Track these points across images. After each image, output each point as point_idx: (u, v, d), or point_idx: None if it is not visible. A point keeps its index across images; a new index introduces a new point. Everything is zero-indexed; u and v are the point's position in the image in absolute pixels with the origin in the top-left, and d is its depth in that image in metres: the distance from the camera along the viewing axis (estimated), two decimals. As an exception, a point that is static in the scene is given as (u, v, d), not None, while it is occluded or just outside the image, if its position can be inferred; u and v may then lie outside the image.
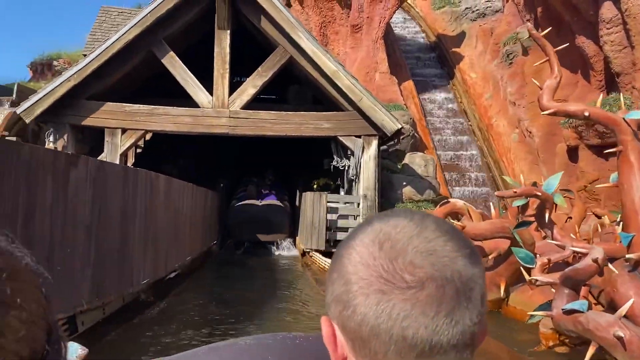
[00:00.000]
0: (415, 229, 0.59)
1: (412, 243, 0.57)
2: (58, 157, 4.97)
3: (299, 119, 12.98)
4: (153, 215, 7.43)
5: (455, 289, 0.56)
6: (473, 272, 0.58)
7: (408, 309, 0.55)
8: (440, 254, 0.57)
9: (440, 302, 0.55)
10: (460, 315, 0.56)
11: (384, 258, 0.57)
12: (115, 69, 12.67)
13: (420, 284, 0.55)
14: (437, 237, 0.58)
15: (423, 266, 0.56)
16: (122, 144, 12.65)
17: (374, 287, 0.56)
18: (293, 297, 8.83)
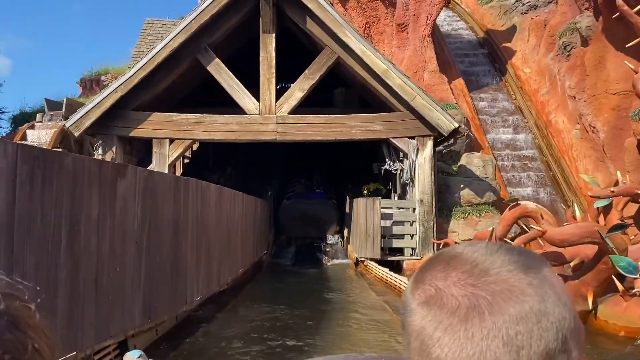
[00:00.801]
0: (508, 266, 0.54)
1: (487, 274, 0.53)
2: (104, 167, 4.51)
3: (348, 121, 12.36)
4: (205, 227, 6.95)
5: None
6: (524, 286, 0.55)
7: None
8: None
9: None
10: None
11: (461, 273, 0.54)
12: (161, 78, 12.39)
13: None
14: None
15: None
16: (170, 154, 12.34)
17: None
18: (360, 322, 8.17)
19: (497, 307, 0.51)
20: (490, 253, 0.55)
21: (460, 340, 0.51)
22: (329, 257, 14.47)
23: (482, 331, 0.50)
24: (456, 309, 0.52)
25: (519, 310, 0.51)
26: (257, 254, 12.17)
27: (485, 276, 0.53)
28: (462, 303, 0.52)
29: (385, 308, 7.93)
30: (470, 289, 0.52)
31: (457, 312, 0.51)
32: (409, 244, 12.08)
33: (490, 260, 0.54)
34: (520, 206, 8.71)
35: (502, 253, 0.55)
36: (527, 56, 19.06)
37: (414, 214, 12.07)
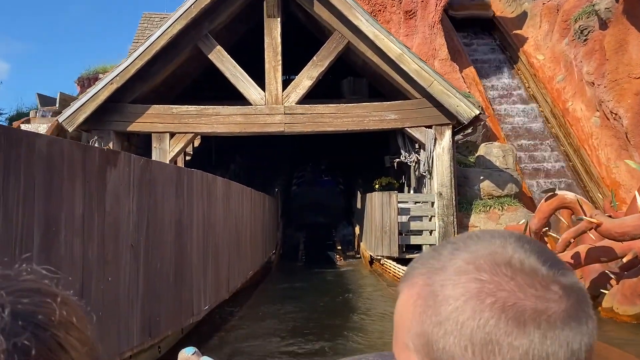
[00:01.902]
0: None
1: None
2: (90, 154, 3.61)
3: (360, 110, 11.44)
4: (212, 226, 6.05)
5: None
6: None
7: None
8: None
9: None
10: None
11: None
12: (160, 68, 11.47)
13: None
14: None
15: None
16: (170, 149, 11.43)
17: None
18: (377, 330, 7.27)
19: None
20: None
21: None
22: (340, 256, 13.58)
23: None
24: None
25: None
26: (266, 254, 11.27)
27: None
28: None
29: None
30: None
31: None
32: (428, 241, 11.17)
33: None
34: (557, 197, 7.81)
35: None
36: (539, 43, 18.14)
37: (433, 208, 11.16)
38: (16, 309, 0.43)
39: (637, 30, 13.68)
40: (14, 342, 0.41)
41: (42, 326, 0.43)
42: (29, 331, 0.42)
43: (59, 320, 0.44)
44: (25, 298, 0.44)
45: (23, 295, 0.44)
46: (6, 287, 0.44)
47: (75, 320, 0.46)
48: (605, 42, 14.59)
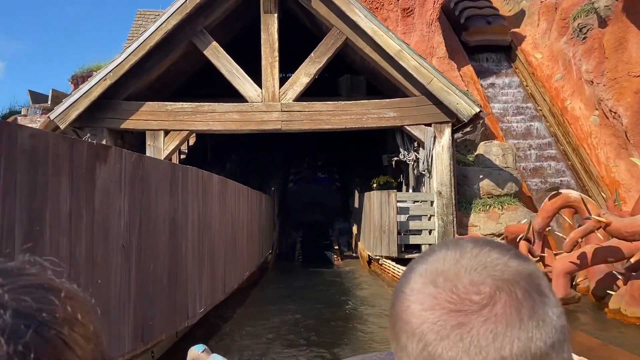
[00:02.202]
0: (455, 253, 0.54)
1: (460, 266, 0.53)
2: (78, 148, 3.37)
3: (359, 108, 11.22)
4: (208, 226, 5.81)
5: (525, 289, 0.51)
6: (530, 268, 0.54)
7: (493, 328, 0.49)
8: (491, 263, 0.53)
9: (518, 307, 0.50)
10: (543, 312, 0.50)
11: (444, 292, 0.51)
12: (154, 64, 11.21)
13: (491, 298, 0.50)
14: (479, 251, 0.54)
15: (484, 281, 0.51)
16: (165, 147, 11.17)
17: (450, 325, 0.50)
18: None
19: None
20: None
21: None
22: (338, 256, 13.36)
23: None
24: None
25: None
26: (263, 254, 11.03)
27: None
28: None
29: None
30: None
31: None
32: (427, 240, 10.97)
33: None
34: (561, 195, 7.62)
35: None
36: (537, 41, 17.99)
37: (432, 207, 10.96)
38: (18, 308, 0.41)
39: (637, 28, 13.53)
40: (15, 346, 0.39)
41: (45, 324, 0.41)
42: (32, 330, 0.41)
43: (63, 317, 0.43)
44: (28, 295, 0.42)
45: (25, 292, 0.42)
46: (8, 284, 0.43)
47: (79, 316, 0.44)
48: (604, 40, 14.44)
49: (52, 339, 0.41)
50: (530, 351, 0.48)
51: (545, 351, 0.49)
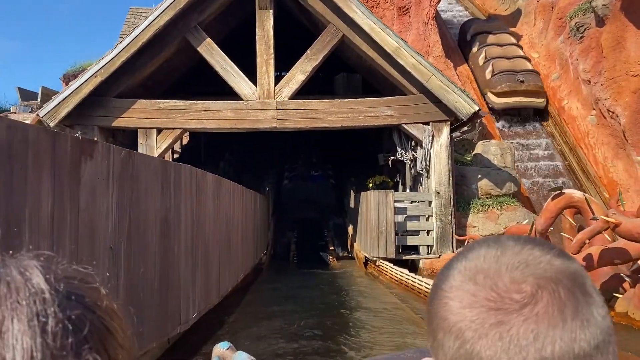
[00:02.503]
0: (496, 250, 0.53)
1: (501, 264, 0.52)
2: (61, 143, 3.10)
3: (355, 106, 10.98)
4: (201, 226, 5.55)
5: (568, 288, 0.49)
6: (574, 266, 0.52)
7: (534, 328, 0.47)
8: (534, 262, 0.51)
9: (561, 307, 0.48)
10: (587, 312, 0.49)
11: (484, 289, 0.50)
12: (147, 61, 10.92)
13: (532, 297, 0.49)
14: (521, 249, 0.53)
15: (525, 280, 0.50)
16: (158, 146, 10.89)
17: (488, 323, 0.49)
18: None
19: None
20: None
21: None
22: (333, 257, 13.12)
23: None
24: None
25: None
26: (257, 255, 10.77)
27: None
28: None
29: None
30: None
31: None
32: (425, 241, 10.76)
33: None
34: (564, 195, 7.42)
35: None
36: (534, 40, 17.84)
37: (430, 207, 10.74)
38: (69, 288, 0.44)
39: (635, 27, 13.38)
40: (69, 315, 0.42)
41: (91, 308, 0.44)
42: (82, 307, 0.43)
43: (105, 305, 0.45)
44: (75, 281, 0.45)
45: (73, 277, 0.46)
46: (54, 272, 0.45)
47: (116, 309, 0.47)
48: (602, 40, 14.29)
49: (97, 321, 0.43)
50: (574, 352, 0.47)
51: (589, 352, 0.47)
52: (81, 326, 0.42)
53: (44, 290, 0.42)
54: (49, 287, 0.43)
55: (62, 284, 0.44)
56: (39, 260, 0.47)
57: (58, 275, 0.45)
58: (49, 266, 0.46)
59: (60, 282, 0.44)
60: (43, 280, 0.43)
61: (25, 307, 0.41)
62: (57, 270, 0.46)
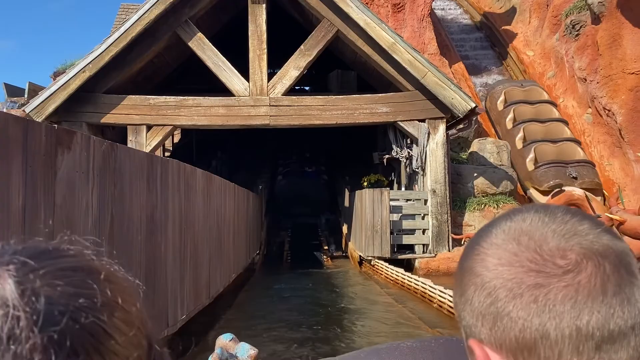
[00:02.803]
0: (545, 216, 0.51)
1: (549, 229, 0.50)
2: (34, 132, 2.85)
3: (350, 103, 10.75)
4: (190, 224, 5.30)
5: (614, 264, 0.48)
6: (622, 245, 0.50)
7: (573, 295, 0.46)
8: (582, 232, 0.49)
9: (604, 280, 0.47)
10: (629, 291, 0.47)
11: (527, 251, 0.49)
12: (136, 56, 10.63)
13: (576, 265, 0.47)
14: (570, 218, 0.51)
15: (571, 248, 0.48)
16: (147, 143, 10.60)
17: (525, 284, 0.47)
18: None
19: None
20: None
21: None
22: (328, 256, 12.88)
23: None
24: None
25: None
26: (250, 255, 10.52)
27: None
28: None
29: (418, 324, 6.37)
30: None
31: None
32: (421, 240, 10.54)
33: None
34: (565, 193, 7.25)
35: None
36: (529, 38, 17.70)
37: (426, 206, 10.53)
38: (52, 295, 0.37)
39: (631, 24, 13.25)
40: (50, 335, 0.36)
41: (82, 310, 0.38)
42: (68, 317, 0.37)
43: (102, 302, 0.39)
44: (64, 279, 0.39)
45: (62, 276, 0.39)
46: (43, 267, 0.39)
47: (120, 300, 0.41)
48: (598, 37, 14.16)
49: (90, 325, 0.38)
50: (608, 327, 0.46)
51: (624, 331, 0.46)
52: (65, 342, 0.35)
53: (17, 307, 0.35)
54: (21, 302, 0.35)
55: (44, 289, 0.37)
56: (15, 258, 0.38)
57: (47, 269, 0.38)
58: (28, 267, 0.38)
59: (43, 285, 0.37)
60: (14, 290, 0.36)
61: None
62: (46, 262, 0.39)
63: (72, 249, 0.42)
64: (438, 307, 6.77)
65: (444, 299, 6.59)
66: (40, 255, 0.40)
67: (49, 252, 0.41)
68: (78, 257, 0.42)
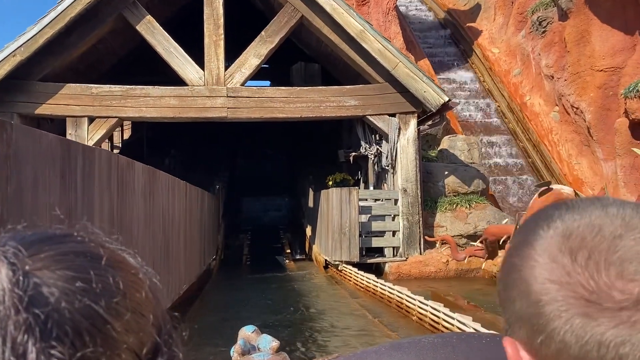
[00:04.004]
0: (615, 226, 0.43)
1: (614, 247, 0.42)
2: None
3: (316, 95, 9.85)
4: (126, 229, 4.26)
5: None
6: None
7: (625, 334, 0.41)
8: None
9: None
10: None
11: (582, 273, 0.43)
12: (77, 40, 9.41)
13: (636, 303, 0.41)
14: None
15: (635, 279, 0.41)
16: (90, 137, 9.39)
17: (574, 311, 0.42)
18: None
19: None
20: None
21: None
22: (290, 260, 11.93)
23: None
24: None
25: None
26: (205, 262, 9.44)
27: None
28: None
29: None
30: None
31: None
32: (391, 243, 9.75)
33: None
34: (553, 191, 6.55)
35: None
36: (494, 36, 17.27)
37: (396, 206, 9.74)
38: (45, 277, 0.36)
39: (600, 20, 12.87)
40: (35, 314, 0.34)
41: (78, 294, 0.36)
42: (58, 298, 0.36)
43: (101, 287, 0.38)
44: (64, 262, 0.38)
45: (62, 260, 0.38)
46: (45, 251, 0.38)
47: (122, 286, 0.39)
48: (565, 34, 13.76)
49: (84, 308, 0.36)
50: None
51: None
52: (53, 322, 0.34)
53: (5, 288, 0.34)
54: (9, 283, 0.34)
55: (38, 272, 0.36)
56: (14, 242, 0.37)
57: (49, 252, 0.37)
58: (29, 251, 0.36)
59: (36, 269, 0.35)
60: (5, 272, 0.34)
61: None
62: (49, 246, 0.37)
63: (82, 235, 0.41)
64: (418, 321, 5.94)
65: (425, 311, 5.77)
66: (47, 239, 0.39)
67: (55, 237, 0.40)
68: (84, 243, 0.40)
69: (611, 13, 12.75)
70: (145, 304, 0.41)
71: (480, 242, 7.33)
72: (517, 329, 0.46)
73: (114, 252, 0.42)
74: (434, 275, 9.42)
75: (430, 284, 8.90)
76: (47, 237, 0.40)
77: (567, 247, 0.43)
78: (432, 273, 9.43)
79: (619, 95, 11.98)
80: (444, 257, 9.49)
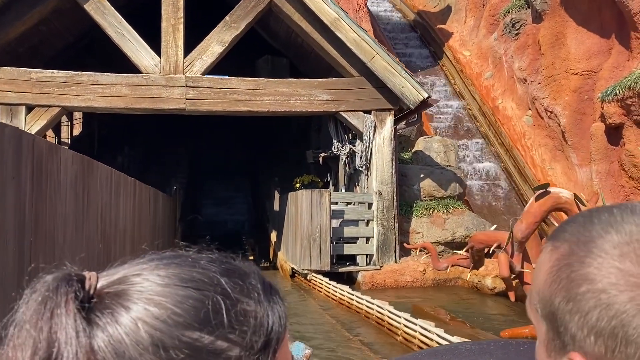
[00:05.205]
0: None
1: None
2: None
3: (285, 88, 8.94)
4: (47, 235, 3.25)
5: None
6: None
7: None
8: None
9: None
10: None
11: None
12: (14, 19, 8.22)
13: None
14: None
15: None
16: (27, 128, 8.17)
17: (637, 321, 0.42)
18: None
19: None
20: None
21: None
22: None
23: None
24: None
25: None
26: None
27: None
28: None
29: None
30: None
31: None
32: (364, 250, 8.91)
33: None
34: (550, 195, 5.86)
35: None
36: (465, 38, 16.80)
37: (370, 210, 8.92)
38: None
39: (575, 22, 12.48)
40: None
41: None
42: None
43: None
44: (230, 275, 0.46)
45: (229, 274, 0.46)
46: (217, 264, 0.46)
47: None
48: (540, 36, 13.34)
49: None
50: None
51: None
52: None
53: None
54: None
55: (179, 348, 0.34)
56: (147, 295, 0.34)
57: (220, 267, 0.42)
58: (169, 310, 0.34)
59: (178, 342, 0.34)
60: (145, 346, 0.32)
61: None
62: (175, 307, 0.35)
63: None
64: (404, 341, 5.10)
65: (413, 330, 4.93)
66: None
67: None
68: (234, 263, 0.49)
69: (587, 15, 12.37)
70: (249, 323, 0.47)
71: (466, 250, 6.64)
72: (590, 343, 0.43)
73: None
74: (410, 284, 8.64)
75: (407, 294, 8.13)
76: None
77: (635, 255, 0.41)
78: (408, 282, 8.65)
79: (594, 100, 11.59)
80: (420, 265, 8.72)
